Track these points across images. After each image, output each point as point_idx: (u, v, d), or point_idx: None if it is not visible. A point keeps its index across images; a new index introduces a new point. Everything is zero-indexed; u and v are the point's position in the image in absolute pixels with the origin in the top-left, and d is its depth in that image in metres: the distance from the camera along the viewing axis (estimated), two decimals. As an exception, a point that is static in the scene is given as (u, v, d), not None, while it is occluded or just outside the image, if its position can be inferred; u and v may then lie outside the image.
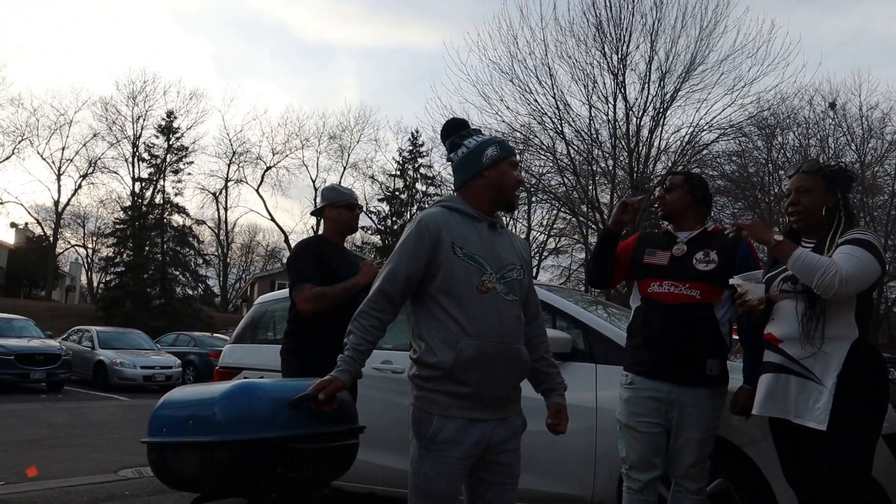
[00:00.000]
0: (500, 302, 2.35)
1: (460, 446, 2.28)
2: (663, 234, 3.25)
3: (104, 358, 16.63)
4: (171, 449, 1.98)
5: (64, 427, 9.63)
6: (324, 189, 4.04)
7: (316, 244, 3.83)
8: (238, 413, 1.91)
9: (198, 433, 1.91)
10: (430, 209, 2.47)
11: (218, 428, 1.89)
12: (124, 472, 6.32)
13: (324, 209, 3.89)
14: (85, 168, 41.93)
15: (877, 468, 3.38)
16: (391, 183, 42.18)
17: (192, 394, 2.14)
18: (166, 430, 1.99)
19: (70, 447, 7.85)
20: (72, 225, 45.65)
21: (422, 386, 2.34)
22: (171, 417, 2.01)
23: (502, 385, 2.35)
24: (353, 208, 3.90)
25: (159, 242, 38.87)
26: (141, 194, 40.18)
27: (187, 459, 1.94)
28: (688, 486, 3.01)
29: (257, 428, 1.91)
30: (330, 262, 3.68)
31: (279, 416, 1.95)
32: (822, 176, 2.78)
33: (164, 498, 5.21)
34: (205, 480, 1.94)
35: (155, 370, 16.71)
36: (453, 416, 2.29)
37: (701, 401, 2.98)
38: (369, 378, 4.38)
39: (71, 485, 5.72)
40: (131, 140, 41.12)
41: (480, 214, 2.45)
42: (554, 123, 19.65)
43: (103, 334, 18.50)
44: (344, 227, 3.90)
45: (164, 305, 36.61)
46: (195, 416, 1.95)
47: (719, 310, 3.05)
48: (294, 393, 2.01)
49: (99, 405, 13.01)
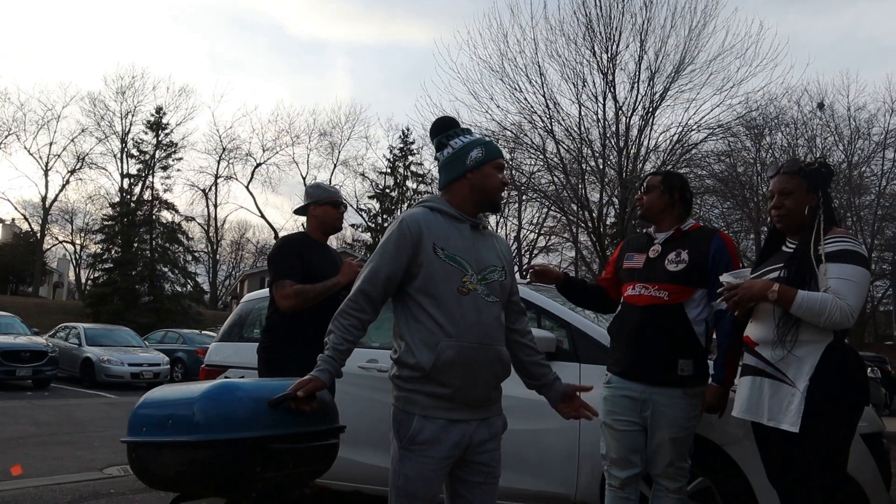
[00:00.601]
0: (481, 303, 2.36)
1: (440, 447, 2.29)
2: (645, 236, 3.29)
3: (91, 355, 16.56)
4: (151, 448, 1.98)
5: (50, 425, 9.58)
6: (308, 187, 3.98)
7: (299, 241, 3.79)
8: (217, 413, 1.91)
9: (177, 433, 1.91)
10: (413, 209, 2.47)
11: (197, 427, 1.89)
12: (110, 470, 6.31)
13: (308, 207, 3.84)
14: (73, 164, 41.79)
15: (855, 467, 3.42)
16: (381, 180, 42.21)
17: (172, 393, 2.14)
18: (146, 429, 1.99)
19: (56, 445, 7.81)
20: (59, 221, 45.47)
21: (402, 386, 2.34)
22: (150, 417, 2.01)
23: (483, 386, 2.36)
24: (338, 206, 3.86)
25: (148, 239, 38.74)
26: (129, 190, 40.03)
27: (166, 459, 1.94)
28: (667, 485, 3.03)
29: (236, 428, 1.91)
30: (312, 260, 3.65)
31: (258, 415, 1.96)
32: (803, 176, 2.80)
33: (148, 496, 5.20)
34: (184, 480, 1.94)
35: (143, 367, 16.66)
36: (433, 416, 2.30)
37: (674, 400, 3.00)
38: (355, 377, 4.40)
39: (55, 483, 5.70)
40: (120, 136, 40.96)
41: (463, 215, 2.45)
42: (544, 122, 19.69)
43: (90, 331, 18.42)
44: (328, 226, 3.86)
45: (152, 302, 36.49)
46: (174, 416, 1.95)
47: (692, 309, 3.07)
48: (273, 393, 2.01)
49: (86, 403, 12.94)
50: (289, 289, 3.51)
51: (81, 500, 5.13)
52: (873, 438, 3.62)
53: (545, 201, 21.98)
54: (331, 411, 2.35)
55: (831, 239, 2.70)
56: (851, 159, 28.25)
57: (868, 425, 3.63)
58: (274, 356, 3.54)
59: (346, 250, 38.93)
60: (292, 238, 3.87)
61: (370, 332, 4.87)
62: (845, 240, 2.70)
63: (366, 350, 4.44)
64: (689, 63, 19.04)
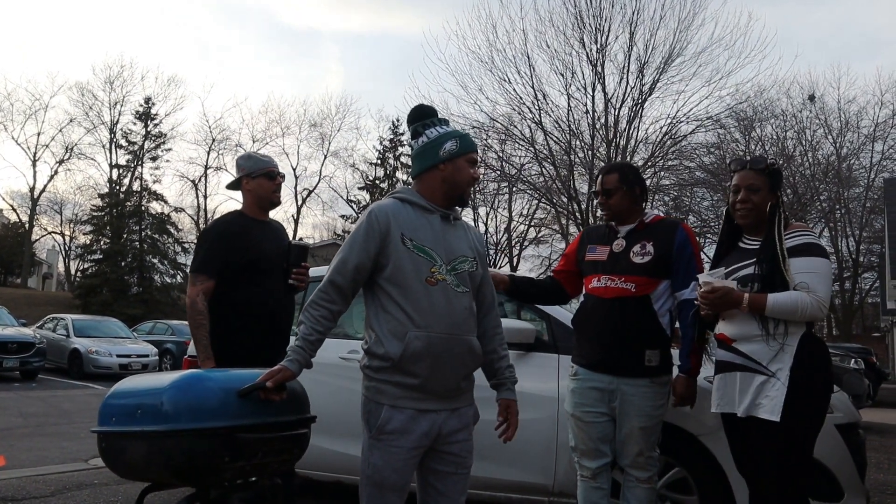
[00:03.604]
0: (451, 293, 2.37)
1: (409, 436, 2.30)
2: (606, 228, 3.30)
3: (79, 346, 16.54)
4: (120, 438, 1.98)
5: (37, 416, 9.57)
6: (239, 158, 3.57)
7: (229, 223, 3.42)
8: (186, 403, 1.92)
9: (146, 423, 1.92)
10: (382, 201, 2.48)
11: (165, 417, 1.90)
12: (95, 461, 6.31)
13: (241, 181, 3.47)
14: (61, 154, 41.54)
15: (829, 456, 3.47)
16: (372, 171, 42.13)
17: (142, 383, 2.14)
18: (115, 419, 2.00)
19: (42, 436, 7.81)
20: (48, 212, 45.20)
21: (371, 376, 2.36)
22: (120, 406, 2.01)
23: (451, 376, 2.37)
24: (273, 177, 3.46)
25: (137, 230, 38.59)
26: (118, 181, 39.85)
27: (135, 449, 1.95)
28: (637, 475, 3.06)
29: (205, 417, 1.92)
30: (248, 241, 3.32)
31: (227, 405, 1.96)
32: (768, 174, 2.85)
33: (131, 487, 5.20)
34: (153, 470, 1.95)
35: (131, 359, 16.64)
36: (402, 406, 2.31)
37: (641, 390, 3.03)
38: (336, 367, 4.41)
39: (39, 474, 5.70)
40: (108, 126, 40.73)
41: (433, 206, 2.46)
42: (533, 114, 19.71)
43: (79, 322, 18.38)
44: (265, 200, 3.46)
45: (141, 293, 36.41)
46: (143, 406, 1.95)
47: (657, 301, 3.09)
48: (243, 383, 2.02)
49: (73, 394, 12.92)
50: (196, 289, 3.23)
51: (65, 491, 5.13)
52: (849, 429, 3.66)
53: (535, 193, 22.01)
54: (302, 401, 2.36)
55: (792, 234, 2.78)
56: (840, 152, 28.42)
57: (843, 416, 3.67)
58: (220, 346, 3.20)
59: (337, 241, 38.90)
60: (221, 221, 3.49)
61: (353, 323, 4.90)
62: (805, 233, 2.79)
63: (348, 341, 4.45)
64: (679, 54, 19.10)
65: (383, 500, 2.31)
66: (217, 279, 3.25)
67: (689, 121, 19.71)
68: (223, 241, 3.29)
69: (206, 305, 3.21)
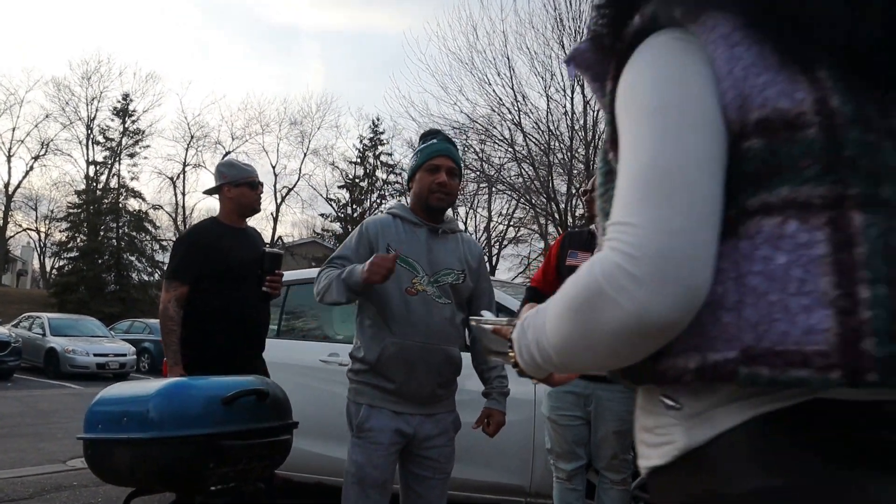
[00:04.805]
0: (431, 304, 2.46)
1: (387, 433, 2.41)
2: (588, 234, 3.36)
3: (56, 345, 16.40)
4: (106, 445, 2.03)
5: (12, 416, 9.50)
6: (220, 165, 3.60)
7: (205, 231, 3.47)
8: (171, 410, 1.97)
9: (131, 430, 1.96)
10: (375, 216, 2.63)
11: (151, 425, 1.94)
12: (73, 462, 6.30)
13: (221, 188, 3.48)
14: (37, 150, 40.90)
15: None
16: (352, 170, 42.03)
17: (128, 390, 2.19)
18: (101, 426, 2.04)
19: (18, 437, 7.77)
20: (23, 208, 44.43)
21: (353, 379, 2.51)
22: (106, 413, 2.05)
23: (427, 383, 2.46)
24: (255, 186, 3.51)
25: (114, 227, 38.16)
26: (95, 178, 39.36)
27: (121, 456, 1.99)
28: (612, 477, 3.15)
29: (190, 424, 1.97)
30: (227, 248, 3.35)
31: (212, 412, 2.02)
32: None
33: (111, 489, 5.20)
34: (138, 476, 2.00)
35: (108, 358, 16.53)
36: (379, 406, 2.44)
37: (617, 395, 3.11)
38: (316, 370, 4.46)
39: (17, 475, 5.69)
40: (85, 122, 40.21)
41: (420, 220, 2.55)
42: (512, 115, 19.83)
43: (55, 321, 18.23)
44: (246, 208, 3.50)
45: (119, 292, 36.01)
46: (129, 413, 2.00)
47: None
48: (227, 390, 2.08)
49: (49, 393, 12.83)
50: (170, 294, 3.27)
51: (44, 493, 5.13)
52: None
53: (514, 193, 22.13)
54: (284, 407, 2.42)
55: None
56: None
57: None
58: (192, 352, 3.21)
59: (316, 240, 38.79)
60: (198, 229, 3.55)
61: (333, 325, 4.96)
62: None
63: (327, 344, 4.51)
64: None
65: (366, 497, 2.39)
66: (192, 286, 3.29)
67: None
68: (198, 249, 3.34)
69: (179, 312, 3.26)
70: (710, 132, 0.78)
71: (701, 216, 0.75)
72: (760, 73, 0.78)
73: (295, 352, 4.63)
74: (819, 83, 0.76)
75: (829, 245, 0.73)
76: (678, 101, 0.79)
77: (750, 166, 0.78)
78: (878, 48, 0.77)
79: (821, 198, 0.75)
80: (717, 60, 0.80)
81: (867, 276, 0.72)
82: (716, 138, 0.78)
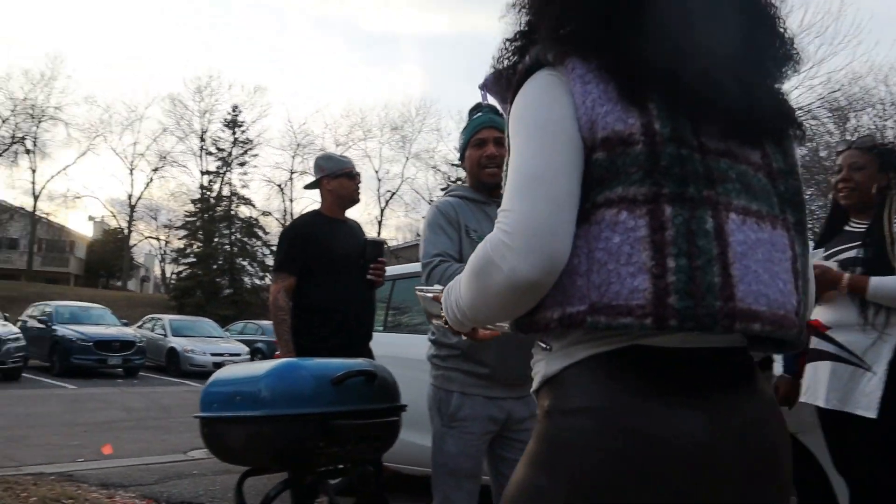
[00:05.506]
0: None
1: (481, 421, 2.33)
2: None
3: (176, 345, 17.26)
4: (221, 423, 2.08)
5: (138, 410, 10.05)
6: (319, 158, 3.70)
7: (307, 223, 3.56)
8: (282, 389, 2.00)
9: (244, 408, 2.01)
10: (440, 200, 2.51)
11: (263, 403, 1.98)
12: (193, 453, 6.58)
13: (320, 181, 3.56)
14: (156, 162, 43.40)
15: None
16: (453, 173, 42.24)
17: (240, 371, 2.24)
18: (216, 405, 2.10)
19: (144, 429, 8.21)
20: (145, 217, 47.20)
21: (440, 365, 2.40)
22: (220, 394, 2.11)
23: (519, 365, 2.36)
24: (353, 177, 3.56)
25: (227, 234, 39.87)
26: (209, 187, 41.28)
27: (235, 433, 2.04)
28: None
29: (300, 403, 1.99)
30: (326, 240, 3.41)
31: (322, 392, 2.03)
32: (876, 153, 2.71)
33: (229, 477, 5.40)
34: (251, 453, 2.04)
35: (224, 357, 17.17)
36: (472, 393, 2.34)
37: None
38: (422, 363, 4.45)
39: (143, 463, 6.01)
40: (198, 134, 42.29)
41: (484, 197, 2.46)
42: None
43: (175, 322, 19.17)
44: (345, 199, 3.56)
45: (232, 295, 37.55)
46: (242, 392, 2.04)
47: None
48: (335, 371, 2.09)
49: (171, 390, 13.50)
50: (278, 285, 3.38)
51: (167, 480, 5.38)
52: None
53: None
54: (392, 390, 2.41)
55: None
56: (946, 139, 26.76)
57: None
58: (302, 340, 3.33)
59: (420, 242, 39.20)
60: (298, 223, 3.65)
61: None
62: None
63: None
64: (766, 44, 18.43)
65: (460, 488, 2.33)
66: (297, 277, 3.36)
67: (778, 112, 19.02)
68: (301, 241, 3.41)
69: (288, 302, 3.34)
70: (568, 146, 1.03)
71: (557, 205, 1.00)
72: (604, 104, 1.03)
73: (401, 346, 4.64)
74: (647, 112, 1.02)
75: (648, 229, 0.99)
76: (545, 122, 1.05)
77: (598, 172, 1.03)
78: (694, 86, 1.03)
79: (643, 195, 1.00)
80: (575, 93, 1.05)
81: (673, 251, 0.99)
82: (572, 150, 1.03)
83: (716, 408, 1.02)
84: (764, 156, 1.10)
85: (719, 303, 0.99)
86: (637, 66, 1.04)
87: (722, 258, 1.00)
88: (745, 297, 1.00)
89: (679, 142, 1.02)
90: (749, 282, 1.01)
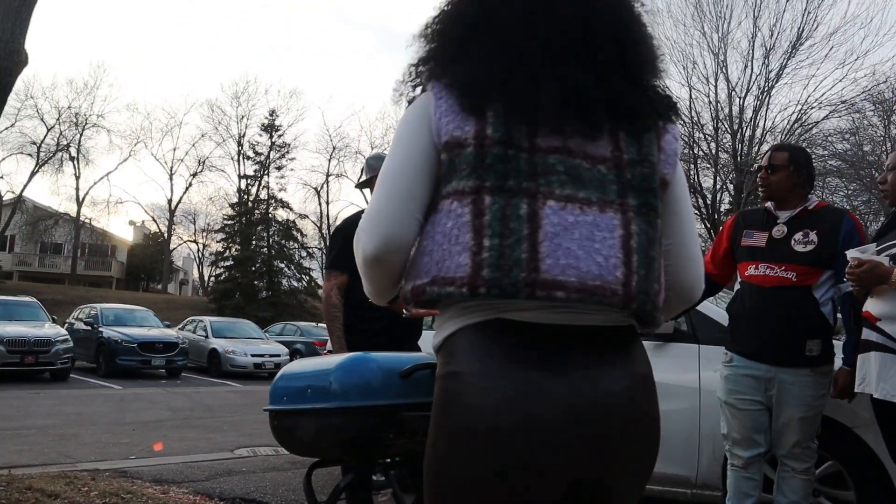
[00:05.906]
0: None
1: None
2: (763, 213, 3.18)
3: (217, 346, 17.49)
4: (292, 416, 2.12)
5: (183, 410, 10.24)
6: (370, 158, 3.74)
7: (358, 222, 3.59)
8: (352, 382, 2.03)
9: (315, 401, 2.04)
10: None
11: (334, 395, 2.01)
12: (240, 451, 6.71)
13: (372, 181, 3.55)
14: (195, 167, 44.13)
15: None
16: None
17: (309, 366, 2.28)
18: (286, 398, 2.14)
19: (189, 428, 8.35)
20: (184, 222, 48.01)
21: None
22: (290, 387, 2.14)
23: None
24: None
25: (265, 237, 40.29)
26: (247, 191, 41.76)
27: (306, 425, 2.07)
28: (794, 466, 2.96)
29: (371, 396, 2.02)
30: None
31: (391, 385, 2.06)
32: None
33: (277, 475, 5.50)
34: (322, 444, 2.07)
35: (264, 358, 17.42)
36: None
37: (802, 379, 2.92)
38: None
39: (193, 461, 6.12)
40: (236, 139, 42.87)
41: None
42: (652, 107, 19.26)
43: (216, 324, 19.44)
44: None
45: (270, 297, 37.96)
46: (313, 386, 2.08)
47: (819, 290, 2.97)
48: (403, 365, 2.12)
49: (214, 390, 13.71)
50: (331, 282, 3.44)
51: (217, 477, 5.48)
52: None
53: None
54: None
55: None
56: None
57: None
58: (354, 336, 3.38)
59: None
60: (349, 222, 3.62)
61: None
62: None
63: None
64: (808, 37, 18.26)
65: None
66: (349, 274, 3.40)
67: (820, 106, 18.82)
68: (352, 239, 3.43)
69: (340, 299, 3.40)
70: (415, 151, 1.27)
71: (395, 198, 1.26)
72: (449, 115, 1.25)
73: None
74: (483, 120, 1.23)
75: (471, 215, 1.20)
76: (403, 133, 1.31)
77: (443, 170, 1.26)
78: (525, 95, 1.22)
79: (469, 188, 1.21)
80: (431, 108, 1.28)
81: (488, 232, 1.18)
82: (419, 155, 1.27)
83: (574, 378, 1.18)
84: (615, 148, 1.25)
85: (523, 274, 1.16)
86: (472, 83, 1.25)
87: (531, 238, 1.17)
88: (552, 269, 1.17)
89: (507, 144, 1.21)
90: (557, 256, 1.17)
